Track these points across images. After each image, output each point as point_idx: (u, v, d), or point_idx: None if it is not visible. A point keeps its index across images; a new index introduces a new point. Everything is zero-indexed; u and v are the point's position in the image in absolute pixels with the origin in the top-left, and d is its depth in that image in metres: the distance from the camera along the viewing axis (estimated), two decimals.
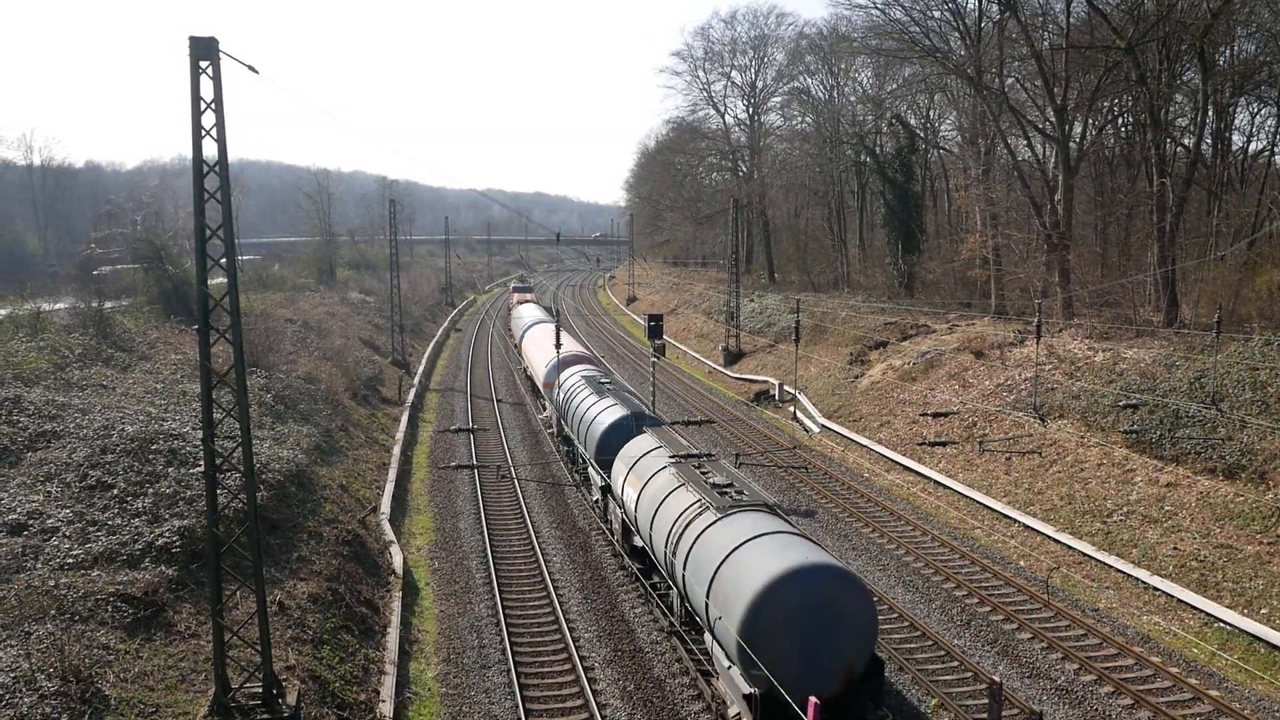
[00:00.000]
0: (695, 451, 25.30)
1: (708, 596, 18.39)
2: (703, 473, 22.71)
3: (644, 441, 27.04)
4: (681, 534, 20.50)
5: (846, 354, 53.55)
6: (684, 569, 20.00)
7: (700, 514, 20.33)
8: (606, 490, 30.00)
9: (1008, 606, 25.14)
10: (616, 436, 29.98)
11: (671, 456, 24.37)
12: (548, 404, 45.65)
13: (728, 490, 21.11)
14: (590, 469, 32.73)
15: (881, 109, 74.07)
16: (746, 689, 17.00)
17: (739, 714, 18.09)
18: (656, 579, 25.22)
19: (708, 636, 19.46)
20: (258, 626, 17.12)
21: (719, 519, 19.54)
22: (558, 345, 43.63)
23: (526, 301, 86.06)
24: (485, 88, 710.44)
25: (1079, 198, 51.32)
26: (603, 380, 37.52)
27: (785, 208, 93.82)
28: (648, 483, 24.06)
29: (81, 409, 28.85)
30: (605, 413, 32.25)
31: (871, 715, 17.26)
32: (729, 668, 18.02)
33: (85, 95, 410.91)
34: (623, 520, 27.38)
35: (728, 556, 18.09)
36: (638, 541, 25.53)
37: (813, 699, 13.08)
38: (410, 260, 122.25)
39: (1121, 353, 36.70)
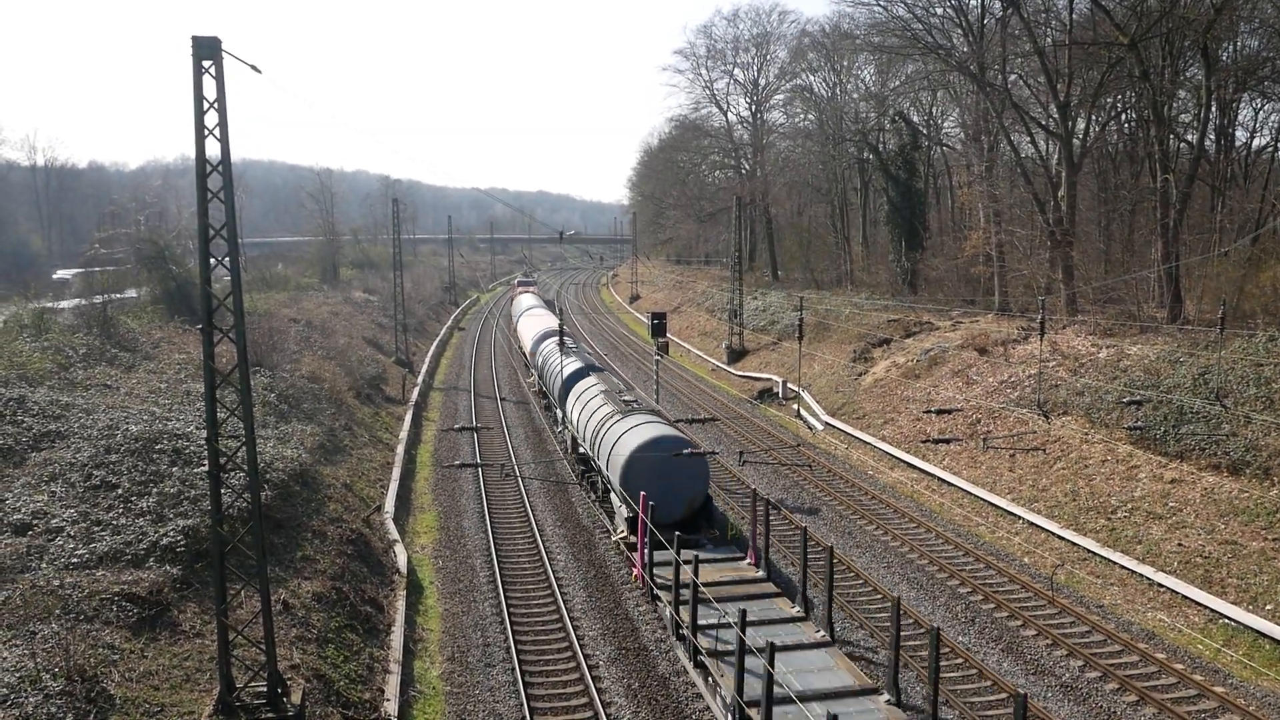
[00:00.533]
0: (620, 388, 38.50)
1: (607, 467, 29.78)
2: (620, 396, 34.89)
3: (588, 381, 38.44)
4: (599, 430, 31.53)
5: (850, 351, 53.50)
6: (598, 451, 31.17)
7: (609, 417, 31.38)
8: (565, 420, 41.02)
9: (1012, 603, 25.11)
10: (573, 380, 40.02)
11: (603, 390, 35.88)
12: (532, 369, 57.05)
13: (630, 404, 33.13)
14: (556, 407, 44.67)
15: (884, 106, 73.95)
16: (626, 515, 28.25)
17: (623, 531, 28.97)
18: (593, 475, 34.37)
19: (613, 496, 30.13)
20: (262, 625, 17.14)
21: (619, 419, 30.44)
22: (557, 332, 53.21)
23: (526, 292, 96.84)
24: (488, 87, 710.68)
25: (1082, 194, 51.24)
26: (569, 345, 47.88)
27: (788, 205, 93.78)
28: (585, 405, 35.48)
29: (86, 409, 28.90)
30: (566, 365, 42.80)
31: (705, 530, 28.03)
32: (620, 506, 29.08)
33: (88, 95, 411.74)
34: (572, 436, 38.28)
35: (619, 439, 28.94)
36: (583, 449, 35.60)
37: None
38: (413, 259, 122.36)
39: (1125, 349, 36.62)
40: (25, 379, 31.50)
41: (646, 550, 24.98)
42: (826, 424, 46.08)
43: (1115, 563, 26.74)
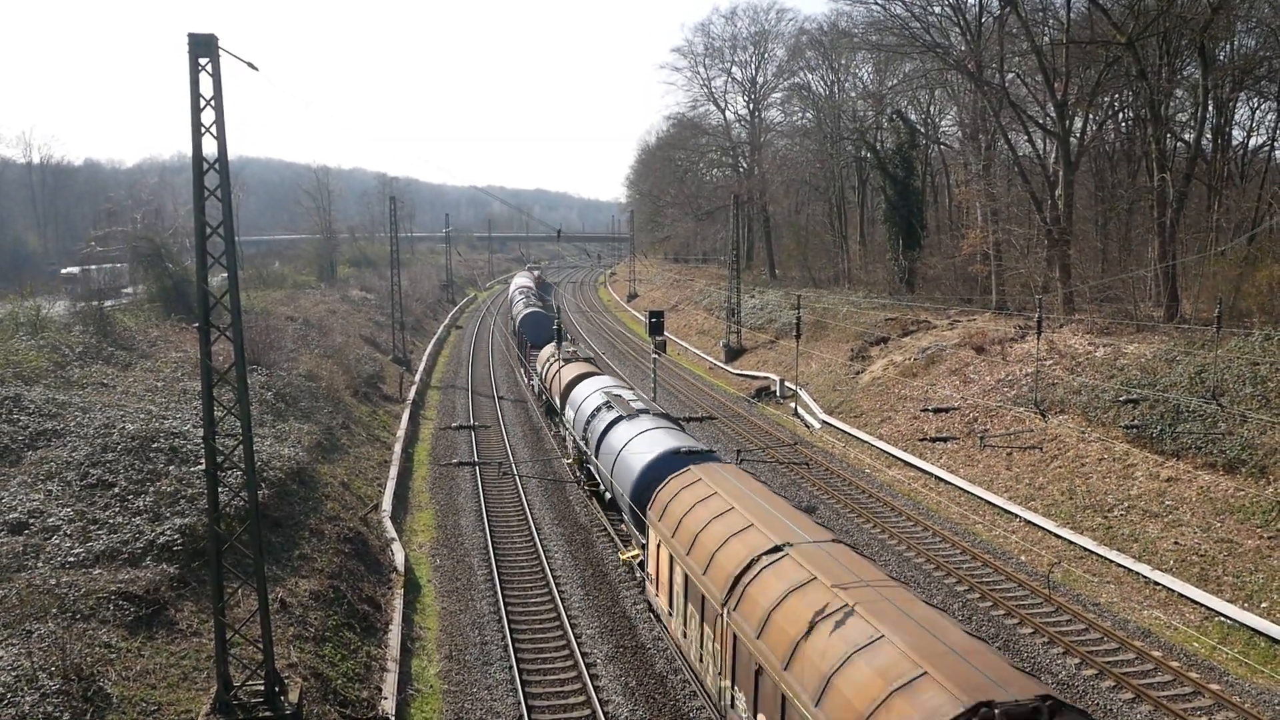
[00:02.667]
0: (569, 349, 46.27)
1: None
2: (571, 348, 43.38)
3: (568, 355, 44.78)
4: (552, 378, 40.71)
5: (847, 350, 53.54)
6: (550, 388, 39.52)
7: (551, 363, 38.79)
8: (533, 364, 53.12)
9: (1009, 601, 25.15)
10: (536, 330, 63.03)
11: (557, 346, 44.51)
12: (516, 325, 72.55)
13: (573, 355, 42.46)
14: (524, 353, 62.04)
15: (882, 104, 73.97)
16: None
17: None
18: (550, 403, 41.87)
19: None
20: (259, 624, 17.13)
21: (562, 366, 38.67)
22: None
23: (522, 273, 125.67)
24: (486, 85, 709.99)
25: (1079, 193, 51.28)
26: (534, 299, 71.57)
27: (786, 204, 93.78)
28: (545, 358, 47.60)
29: (82, 407, 28.86)
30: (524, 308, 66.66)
31: None
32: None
33: (84, 92, 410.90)
34: (539, 380, 47.55)
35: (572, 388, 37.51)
36: (534, 384, 48.04)
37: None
38: (411, 257, 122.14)
39: (1122, 348, 36.68)
40: (21, 377, 31.44)
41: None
42: (824, 422, 46.11)
43: (1112, 560, 26.79)
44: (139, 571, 19.99)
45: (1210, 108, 44.75)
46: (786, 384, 53.10)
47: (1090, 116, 51.27)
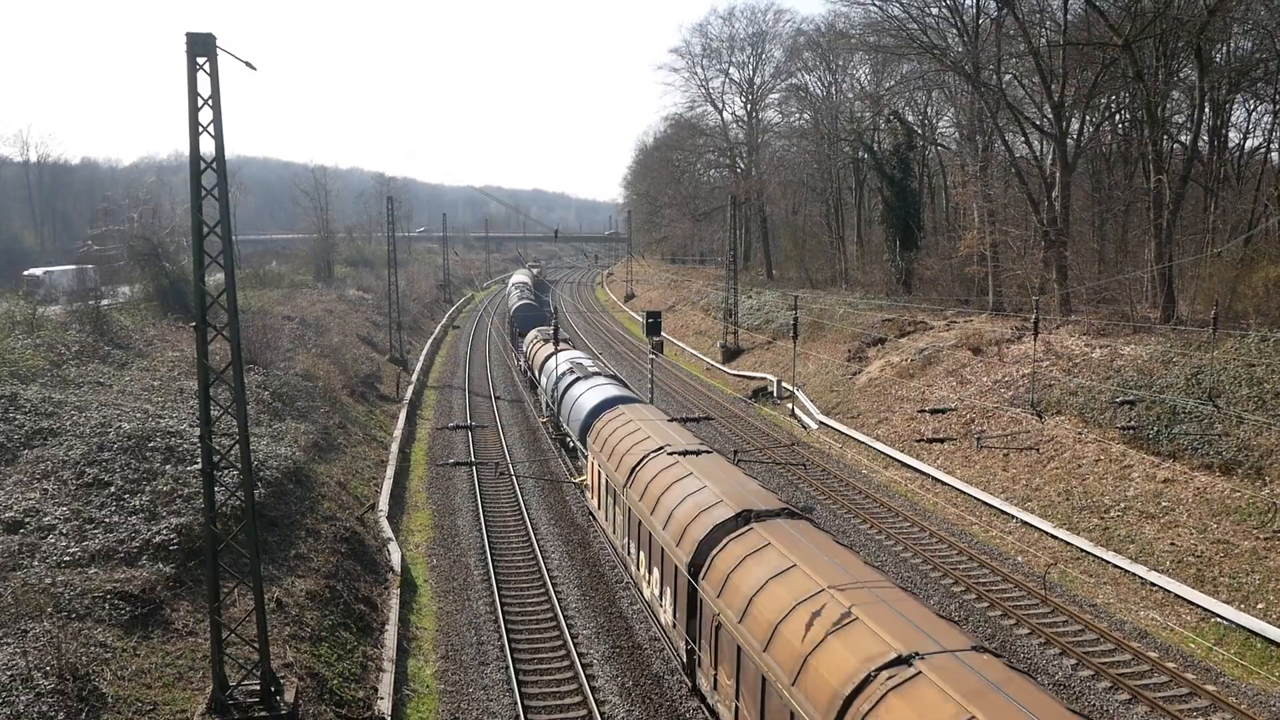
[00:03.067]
0: (547, 331, 52.57)
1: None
2: (549, 330, 49.64)
3: (544, 335, 52.71)
4: (534, 354, 49.19)
5: (844, 351, 53.57)
6: (532, 363, 48.39)
7: (534, 343, 48.11)
8: (520, 346, 62.34)
9: (1005, 602, 25.17)
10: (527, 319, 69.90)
11: (551, 336, 49.25)
12: (510, 314, 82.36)
13: (549, 335, 48.36)
14: (514, 341, 69.75)
15: (879, 106, 74.02)
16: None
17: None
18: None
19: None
20: (255, 624, 17.09)
21: (541, 344, 45.80)
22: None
23: (521, 270, 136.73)
24: (483, 85, 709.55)
25: (1076, 194, 51.35)
26: (528, 294, 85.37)
27: (783, 204, 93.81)
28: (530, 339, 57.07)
29: (78, 406, 28.78)
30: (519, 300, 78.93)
31: None
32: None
33: (82, 91, 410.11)
34: (526, 359, 56.40)
35: (548, 360, 43.79)
36: (522, 364, 56.80)
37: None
38: (408, 257, 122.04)
39: (1119, 349, 36.73)
40: (17, 376, 31.36)
41: None
42: (821, 423, 46.13)
43: (1108, 562, 26.83)
44: (135, 571, 19.95)
45: (1207, 110, 44.82)
46: (783, 385, 53.12)
47: (1087, 118, 51.34)
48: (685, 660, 20.14)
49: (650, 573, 23.06)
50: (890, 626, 13.44)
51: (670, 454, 24.56)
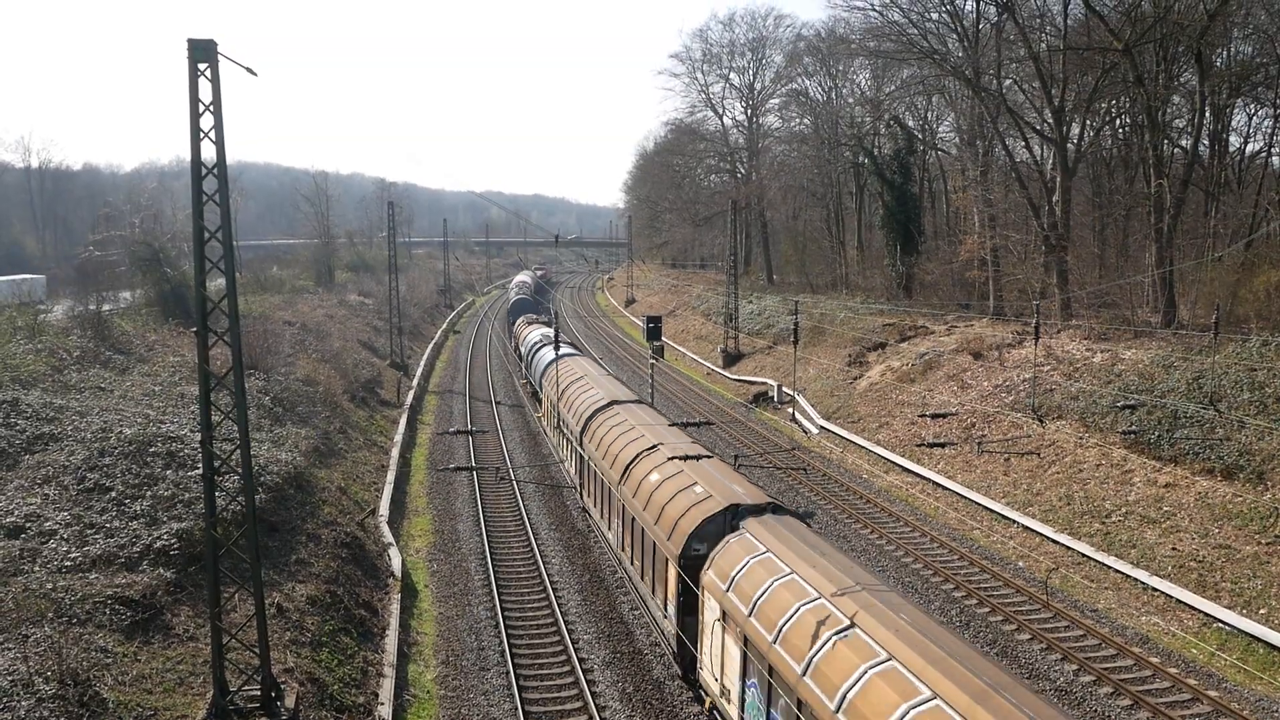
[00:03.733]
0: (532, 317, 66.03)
1: (525, 358, 56.38)
2: (534, 317, 64.31)
3: (529, 319, 65.69)
4: (520, 336, 63.00)
5: (845, 355, 53.56)
6: (519, 342, 60.89)
7: (522, 327, 62.72)
8: (517, 331, 69.41)
9: (1007, 607, 25.14)
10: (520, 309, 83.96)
11: (533, 319, 63.77)
12: (509, 307, 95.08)
13: (534, 320, 64.11)
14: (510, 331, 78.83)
15: (879, 111, 74.10)
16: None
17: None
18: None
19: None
20: (256, 629, 17.09)
21: (525, 326, 61.38)
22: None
23: (525, 272, 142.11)
24: (484, 91, 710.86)
25: (1077, 199, 51.37)
26: (526, 296, 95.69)
27: (784, 209, 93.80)
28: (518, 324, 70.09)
29: (79, 411, 28.82)
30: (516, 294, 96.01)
31: None
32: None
33: (83, 97, 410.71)
34: (515, 341, 65.90)
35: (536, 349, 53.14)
36: (522, 349, 60.83)
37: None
38: (409, 262, 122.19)
39: (1120, 353, 36.71)
40: (19, 381, 31.40)
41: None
42: (821, 428, 46.10)
43: (1110, 567, 26.79)
44: (135, 576, 19.94)
45: (1207, 114, 44.84)
46: (784, 389, 53.10)
47: (1088, 123, 51.36)
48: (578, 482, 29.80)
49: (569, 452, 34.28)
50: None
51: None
